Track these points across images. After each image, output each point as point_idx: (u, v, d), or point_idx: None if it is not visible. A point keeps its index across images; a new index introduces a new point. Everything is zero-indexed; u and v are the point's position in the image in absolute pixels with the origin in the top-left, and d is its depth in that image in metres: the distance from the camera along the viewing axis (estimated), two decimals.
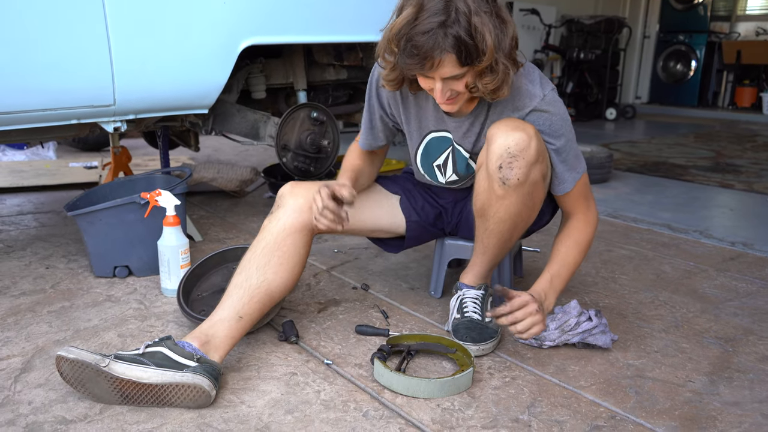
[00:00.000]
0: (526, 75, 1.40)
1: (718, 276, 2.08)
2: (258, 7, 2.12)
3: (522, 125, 1.36)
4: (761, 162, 4.43)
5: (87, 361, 1.19)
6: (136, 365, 1.21)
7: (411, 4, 1.21)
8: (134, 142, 4.35)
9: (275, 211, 1.50)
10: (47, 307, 1.71)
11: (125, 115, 1.95)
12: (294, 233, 1.46)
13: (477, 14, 1.17)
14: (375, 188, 1.70)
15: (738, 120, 7.32)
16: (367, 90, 1.58)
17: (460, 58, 1.19)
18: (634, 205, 3.07)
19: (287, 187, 1.52)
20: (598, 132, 6.08)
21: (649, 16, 8.58)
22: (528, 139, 1.33)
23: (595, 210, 1.54)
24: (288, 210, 1.48)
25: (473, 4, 1.18)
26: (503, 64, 1.24)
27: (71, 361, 1.19)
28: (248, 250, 1.47)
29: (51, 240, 2.30)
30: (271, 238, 1.45)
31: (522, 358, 1.48)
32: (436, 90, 1.28)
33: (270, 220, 1.49)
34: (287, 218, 1.47)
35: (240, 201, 2.96)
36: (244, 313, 1.37)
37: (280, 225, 1.46)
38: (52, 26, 1.73)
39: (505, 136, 1.34)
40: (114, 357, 1.21)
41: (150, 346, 1.26)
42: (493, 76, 1.25)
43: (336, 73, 2.77)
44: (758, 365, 1.48)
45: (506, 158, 1.34)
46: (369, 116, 1.61)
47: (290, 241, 1.46)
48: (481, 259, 1.58)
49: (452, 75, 1.24)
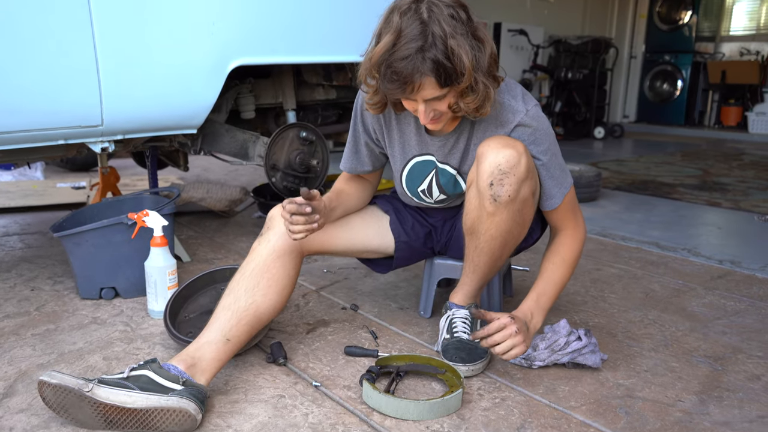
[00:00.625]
0: (509, 91, 1.43)
1: (706, 294, 2.08)
2: (247, 28, 2.13)
3: (512, 142, 1.37)
4: (747, 180, 4.48)
5: (70, 386, 1.17)
6: (120, 389, 1.19)
7: (389, 31, 1.22)
8: (123, 162, 4.33)
9: (265, 233, 1.49)
10: (31, 330, 1.69)
11: (113, 135, 1.95)
12: (283, 255, 1.46)
13: (453, 37, 1.20)
14: (365, 208, 1.70)
15: (724, 139, 7.41)
16: (353, 115, 1.59)
17: (439, 80, 1.22)
18: (623, 223, 3.09)
19: (277, 209, 1.51)
20: (586, 151, 6.13)
21: (635, 36, 8.70)
22: (518, 156, 1.34)
23: (582, 225, 1.55)
24: (278, 232, 1.47)
25: (449, 28, 1.20)
26: (483, 83, 1.27)
27: (54, 386, 1.17)
28: (237, 272, 1.46)
29: (37, 261, 2.28)
30: (261, 260, 1.44)
31: (512, 379, 1.47)
32: (420, 111, 1.31)
33: (259, 242, 1.48)
34: (277, 240, 1.46)
35: (229, 221, 2.95)
36: (231, 336, 1.36)
37: (269, 247, 1.46)
38: (40, 47, 1.72)
39: (496, 153, 1.35)
40: (98, 381, 1.19)
41: (135, 370, 1.24)
42: (474, 96, 1.27)
43: (325, 93, 2.78)
44: (747, 384, 1.48)
45: (497, 175, 1.35)
46: (354, 140, 1.62)
47: (279, 263, 1.45)
48: (470, 278, 1.58)
49: (434, 96, 1.26)
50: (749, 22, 8.48)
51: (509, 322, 1.35)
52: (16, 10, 1.66)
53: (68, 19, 1.75)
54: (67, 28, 1.75)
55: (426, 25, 1.19)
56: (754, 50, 8.15)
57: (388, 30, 1.23)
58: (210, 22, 2.02)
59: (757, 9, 8.40)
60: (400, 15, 1.21)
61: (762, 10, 8.36)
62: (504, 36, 6.49)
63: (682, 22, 8.15)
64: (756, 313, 1.92)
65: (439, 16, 1.20)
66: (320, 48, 2.36)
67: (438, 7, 1.21)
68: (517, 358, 1.52)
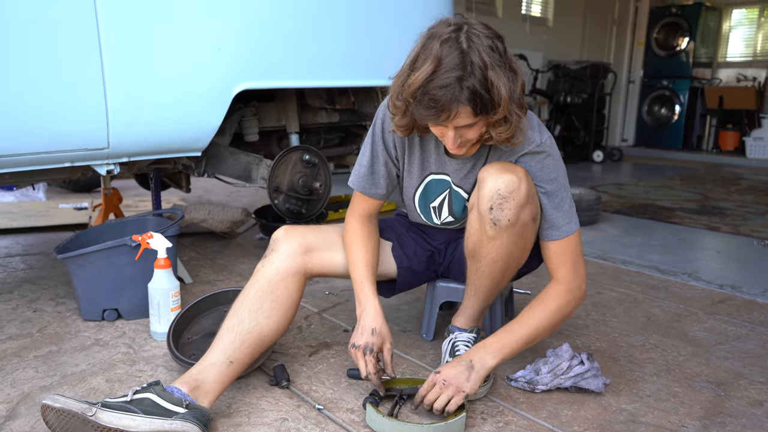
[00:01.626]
0: (527, 121, 1.43)
1: (707, 319, 2.09)
2: (252, 53, 2.16)
3: (512, 168, 1.38)
4: (746, 205, 4.50)
5: (73, 411, 1.16)
6: (124, 413, 1.19)
7: (427, 58, 1.22)
8: (125, 183, 4.36)
9: (269, 255, 1.50)
10: (34, 352, 1.69)
11: (119, 158, 1.97)
12: (287, 277, 1.46)
13: (492, 68, 1.20)
14: None
15: (722, 163, 7.45)
16: (371, 134, 1.55)
17: (475, 109, 1.22)
18: (623, 247, 3.10)
19: (281, 231, 1.53)
20: (585, 174, 6.17)
21: (633, 61, 8.81)
22: (518, 181, 1.36)
23: (581, 280, 1.46)
24: (282, 254, 1.48)
25: (488, 59, 1.20)
26: (516, 114, 1.27)
27: (57, 410, 1.17)
28: (240, 294, 1.46)
29: (39, 282, 2.28)
30: (264, 281, 1.45)
31: (515, 403, 1.47)
32: (448, 137, 1.30)
33: (263, 264, 1.48)
34: (281, 262, 1.47)
35: (231, 242, 2.96)
36: (234, 358, 1.36)
37: (273, 269, 1.46)
38: (48, 70, 1.75)
39: (495, 178, 1.37)
40: (101, 405, 1.19)
41: (138, 392, 1.24)
42: (507, 126, 1.28)
43: (328, 117, 2.81)
44: (750, 410, 1.48)
45: (497, 200, 1.36)
46: (371, 160, 1.56)
47: (283, 286, 1.46)
48: (472, 301, 1.59)
49: (465, 124, 1.27)
50: (746, 49, 8.59)
51: (433, 376, 1.36)
52: (24, 33, 1.69)
53: (76, 42, 1.78)
54: (76, 51, 1.78)
55: (465, 54, 1.19)
56: (750, 76, 8.25)
57: (426, 57, 1.22)
58: (216, 47, 2.05)
59: (753, 36, 8.52)
60: (440, 43, 1.21)
61: (758, 37, 8.48)
62: None
63: (680, 48, 8.25)
64: (757, 338, 1.92)
65: (479, 46, 1.20)
66: (324, 73, 2.39)
67: (478, 37, 1.21)
68: (520, 382, 1.53)
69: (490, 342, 1.40)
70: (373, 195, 1.59)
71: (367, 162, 1.56)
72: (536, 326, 1.41)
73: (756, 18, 8.50)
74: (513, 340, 1.40)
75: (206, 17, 2.03)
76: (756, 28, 8.50)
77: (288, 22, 2.23)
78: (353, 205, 1.61)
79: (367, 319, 1.45)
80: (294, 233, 1.52)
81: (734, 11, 8.64)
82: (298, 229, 1.54)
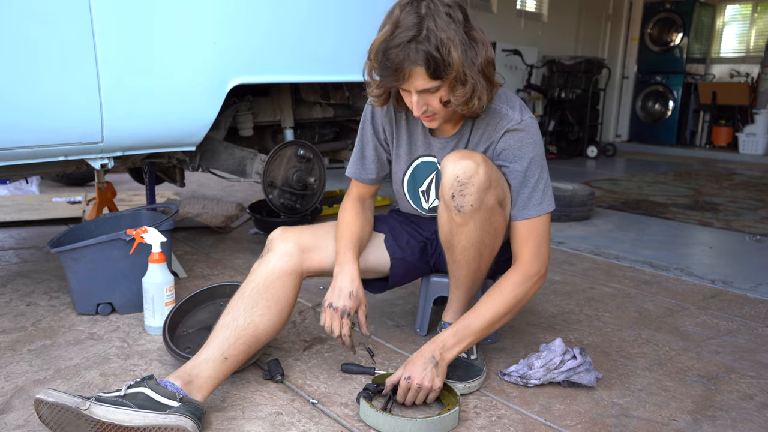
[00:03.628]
0: (507, 101, 1.48)
1: (699, 314, 2.10)
2: (247, 48, 2.16)
3: (469, 154, 1.40)
4: (738, 200, 4.53)
5: (67, 405, 1.17)
6: (117, 407, 1.19)
7: (387, 22, 1.31)
8: (119, 177, 4.34)
9: (265, 255, 1.51)
10: (27, 346, 1.69)
11: (113, 152, 1.96)
12: (283, 276, 1.47)
13: (445, 31, 1.26)
14: None
15: (715, 159, 7.49)
16: (362, 120, 1.63)
17: (428, 70, 1.27)
18: (616, 242, 3.12)
19: (277, 232, 1.54)
20: (579, 169, 6.19)
21: (628, 57, 8.83)
22: (475, 166, 1.38)
23: (541, 265, 1.45)
24: (278, 254, 1.49)
25: (443, 23, 1.27)
26: (473, 78, 1.32)
27: (50, 404, 1.17)
28: (237, 292, 1.47)
29: (33, 276, 2.28)
30: (260, 280, 1.46)
31: (508, 397, 1.48)
32: (413, 102, 1.35)
33: (260, 263, 1.50)
34: (277, 261, 1.48)
35: (225, 237, 2.96)
36: (229, 354, 1.37)
37: (269, 268, 1.48)
38: (42, 64, 1.74)
39: (453, 165, 1.40)
40: (95, 399, 1.19)
41: (132, 387, 1.24)
42: (463, 89, 1.32)
43: (323, 111, 2.81)
44: (740, 404, 1.49)
45: (457, 187, 1.39)
46: (361, 146, 1.65)
47: (279, 284, 1.47)
48: (456, 294, 1.60)
49: (425, 88, 1.32)
50: (739, 45, 8.63)
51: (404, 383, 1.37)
52: (18, 28, 1.68)
53: (71, 37, 1.77)
54: (70, 46, 1.77)
55: (422, 18, 1.26)
56: (744, 72, 8.29)
57: (388, 22, 1.31)
58: (211, 42, 2.05)
59: (747, 32, 8.55)
60: (400, 8, 1.30)
61: (751, 33, 8.51)
62: (498, 56, 6.57)
63: (673, 43, 8.28)
64: (748, 333, 1.94)
65: (435, 13, 1.27)
66: (318, 67, 2.39)
67: (436, 5, 1.29)
68: (513, 377, 1.54)
69: (448, 335, 1.41)
70: (364, 180, 1.66)
71: (358, 148, 1.66)
72: (492, 317, 1.42)
73: (749, 14, 8.53)
74: (471, 333, 1.41)
75: (200, 11, 2.02)
76: (749, 24, 8.54)
77: (283, 16, 2.23)
78: (349, 190, 1.70)
79: (344, 280, 1.48)
80: (290, 233, 1.54)
81: (728, 7, 8.67)
82: (294, 230, 1.56)
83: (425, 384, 1.35)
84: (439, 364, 1.38)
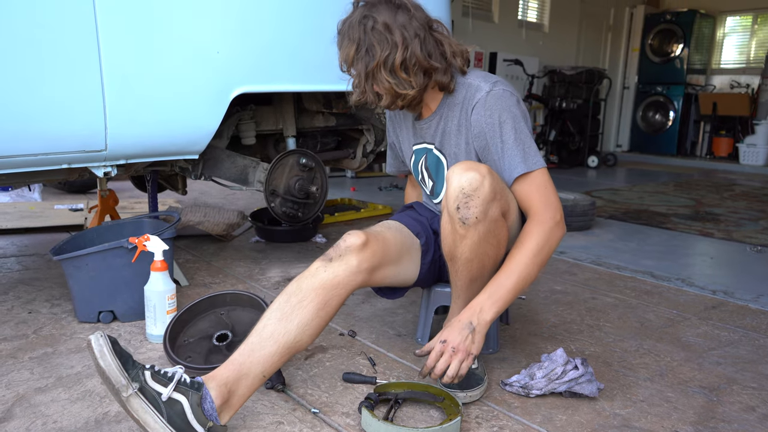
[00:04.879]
0: (484, 77, 1.52)
1: (700, 324, 2.10)
2: (250, 57, 2.17)
3: (475, 166, 1.41)
4: (739, 211, 4.53)
5: (112, 382, 1.17)
6: (152, 410, 1.18)
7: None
8: (121, 185, 4.35)
9: (335, 260, 1.42)
10: (29, 353, 1.69)
11: (116, 160, 1.97)
12: (343, 294, 1.42)
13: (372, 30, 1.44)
14: (410, 239, 1.63)
15: (716, 169, 7.50)
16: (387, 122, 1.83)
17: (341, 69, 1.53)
18: (618, 252, 3.12)
19: (358, 240, 1.44)
20: (580, 179, 6.19)
21: (628, 68, 8.86)
22: (480, 178, 1.38)
23: (554, 210, 1.46)
24: (350, 267, 1.42)
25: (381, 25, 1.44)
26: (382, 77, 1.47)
27: (99, 367, 1.18)
28: (293, 294, 1.37)
29: (34, 284, 2.28)
30: (323, 293, 1.38)
31: (509, 407, 1.48)
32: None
33: (326, 268, 1.41)
34: (345, 276, 1.41)
35: (226, 245, 2.96)
36: (268, 373, 1.33)
37: (336, 281, 1.40)
38: (47, 72, 1.75)
39: (459, 177, 1.40)
40: (139, 388, 1.18)
41: (178, 388, 1.22)
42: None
43: (325, 120, 2.82)
44: (742, 415, 1.49)
45: (462, 198, 1.39)
46: (390, 144, 1.86)
47: (336, 301, 1.40)
48: (457, 303, 1.60)
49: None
50: (739, 56, 8.66)
51: (439, 346, 1.37)
52: (23, 35, 1.70)
53: (76, 45, 1.78)
54: (75, 54, 1.79)
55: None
56: (744, 83, 8.31)
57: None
58: (215, 51, 2.06)
59: (747, 43, 8.58)
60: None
61: (751, 44, 8.54)
62: (500, 65, 6.60)
63: (674, 54, 8.31)
64: (749, 344, 1.94)
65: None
66: (321, 77, 2.40)
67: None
68: (514, 387, 1.54)
69: (483, 299, 1.41)
70: (404, 172, 1.89)
71: (390, 148, 1.87)
72: (521, 271, 1.41)
73: (749, 25, 8.57)
74: (504, 292, 1.41)
75: (205, 21, 2.04)
76: (749, 35, 8.57)
77: (286, 26, 2.24)
78: (406, 186, 1.96)
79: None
80: (369, 248, 1.45)
81: (728, 18, 8.71)
82: (375, 242, 1.48)
83: (461, 347, 1.33)
84: (476, 329, 1.37)
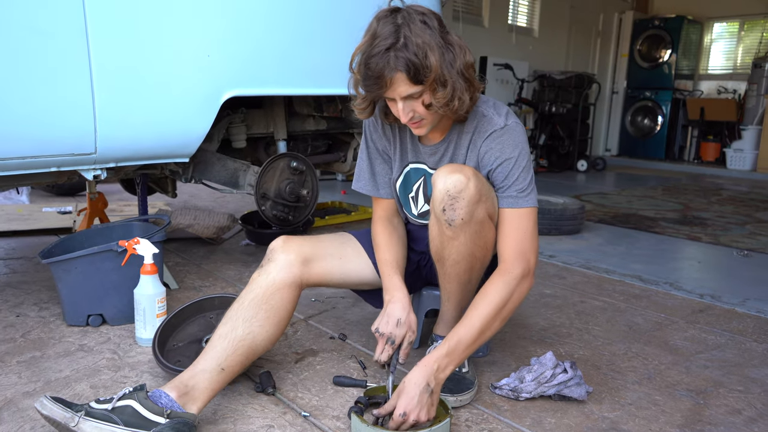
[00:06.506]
0: (495, 107, 1.51)
1: (688, 328, 2.12)
2: (241, 60, 2.17)
3: (459, 168, 1.42)
4: (726, 215, 4.57)
5: (58, 420, 1.19)
6: (105, 424, 1.20)
7: (368, 34, 1.34)
8: (110, 187, 4.33)
9: (265, 265, 1.51)
10: (17, 357, 1.67)
11: (106, 163, 1.96)
12: (283, 288, 1.48)
13: (420, 36, 1.30)
14: (361, 242, 1.70)
15: (703, 174, 7.57)
16: (363, 138, 1.66)
17: (409, 75, 1.30)
18: (606, 256, 3.14)
19: (279, 242, 1.54)
20: (569, 183, 6.23)
21: (617, 73, 8.92)
22: (465, 180, 1.39)
23: (526, 262, 1.42)
24: (279, 265, 1.50)
25: (418, 29, 1.30)
26: (452, 78, 1.34)
27: (44, 416, 1.20)
28: (235, 302, 1.47)
29: (22, 287, 2.26)
30: (260, 291, 1.46)
31: (499, 411, 1.49)
32: (399, 110, 1.37)
33: (259, 274, 1.50)
34: (277, 273, 1.48)
35: (216, 248, 2.95)
36: (226, 365, 1.37)
37: (269, 279, 1.48)
38: (36, 76, 1.74)
39: (444, 179, 1.41)
40: (85, 413, 1.20)
41: (123, 398, 1.25)
42: (444, 91, 1.34)
43: (316, 124, 2.82)
44: (728, 418, 1.50)
45: (447, 200, 1.40)
46: (369, 162, 1.66)
47: (278, 296, 1.47)
48: (447, 307, 1.61)
49: (408, 94, 1.33)
50: (726, 62, 8.75)
51: (399, 419, 1.30)
52: (13, 40, 1.69)
53: (65, 48, 1.77)
54: (64, 57, 1.78)
55: (399, 27, 1.30)
56: (731, 89, 8.40)
57: (367, 34, 1.34)
58: (205, 54, 2.06)
59: (734, 49, 8.68)
60: (377, 21, 1.33)
61: (738, 51, 8.64)
62: (490, 70, 6.63)
63: (662, 60, 8.38)
64: (736, 347, 1.96)
65: (410, 21, 1.30)
66: (311, 81, 2.40)
67: (411, 15, 1.32)
68: (504, 390, 1.54)
69: (441, 355, 1.35)
70: (383, 195, 1.67)
71: (366, 166, 1.67)
72: (482, 326, 1.37)
73: (736, 32, 8.67)
74: (463, 349, 1.37)
75: (196, 24, 2.04)
76: (736, 41, 8.67)
77: (277, 30, 2.25)
78: (374, 211, 1.69)
79: (394, 308, 1.47)
80: (292, 244, 1.54)
81: (715, 25, 8.80)
82: (296, 240, 1.56)
83: (422, 418, 1.31)
84: (434, 390, 1.34)
